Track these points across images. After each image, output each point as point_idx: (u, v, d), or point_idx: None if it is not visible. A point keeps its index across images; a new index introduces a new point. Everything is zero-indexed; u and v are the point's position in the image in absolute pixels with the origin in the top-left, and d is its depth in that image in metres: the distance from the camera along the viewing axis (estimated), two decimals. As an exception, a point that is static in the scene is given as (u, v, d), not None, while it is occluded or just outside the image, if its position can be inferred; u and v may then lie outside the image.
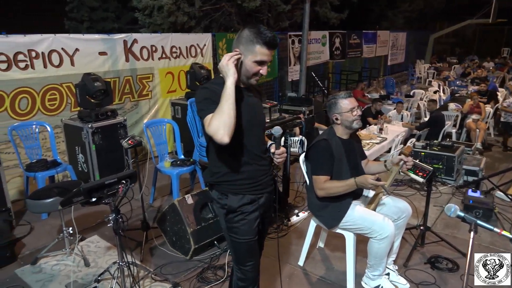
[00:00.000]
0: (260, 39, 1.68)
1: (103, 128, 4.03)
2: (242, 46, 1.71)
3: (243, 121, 1.75)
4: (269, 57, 1.75)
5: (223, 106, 1.59)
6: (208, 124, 1.62)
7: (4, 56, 4.06)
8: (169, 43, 5.81)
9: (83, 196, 2.20)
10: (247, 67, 1.73)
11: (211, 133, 1.60)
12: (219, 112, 1.59)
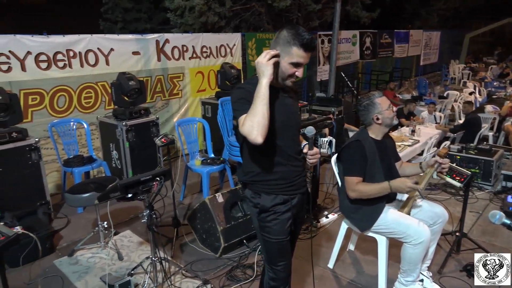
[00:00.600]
0: (297, 40, 1.66)
1: (136, 126, 4.13)
2: (279, 47, 1.70)
3: (278, 122, 1.74)
4: (306, 59, 1.72)
5: (257, 106, 1.58)
6: (242, 124, 1.61)
7: (45, 56, 4.24)
8: (200, 43, 5.89)
9: (119, 192, 2.26)
10: (283, 68, 1.72)
11: (245, 133, 1.60)
12: (253, 112, 1.59)
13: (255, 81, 1.67)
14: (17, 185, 3.33)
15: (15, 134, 3.29)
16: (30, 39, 4.11)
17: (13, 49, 4.00)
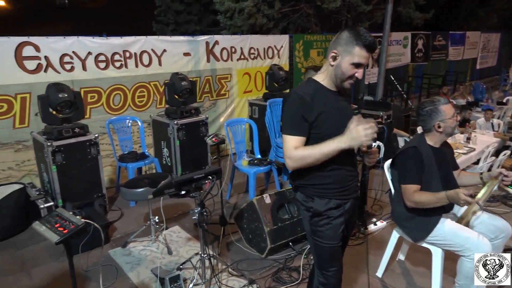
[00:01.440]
0: (360, 41, 1.66)
1: (187, 125, 4.26)
2: (340, 47, 1.70)
3: (333, 126, 1.72)
4: (367, 60, 1.72)
5: (315, 156, 1.66)
6: (289, 146, 1.70)
7: (104, 56, 4.48)
8: (248, 45, 5.96)
9: (174, 188, 2.34)
10: (343, 69, 1.71)
11: (286, 155, 1.71)
12: (309, 155, 1.67)
13: (312, 88, 1.73)
14: (77, 178, 3.55)
15: (77, 130, 3.51)
16: (91, 40, 4.36)
17: (76, 50, 4.26)
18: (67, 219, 1.70)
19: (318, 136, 1.72)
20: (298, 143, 1.72)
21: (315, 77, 1.83)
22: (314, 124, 1.71)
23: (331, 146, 1.64)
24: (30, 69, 3.98)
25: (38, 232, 1.71)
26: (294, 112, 1.71)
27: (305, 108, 1.68)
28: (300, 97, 1.70)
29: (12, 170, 4.01)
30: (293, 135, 1.72)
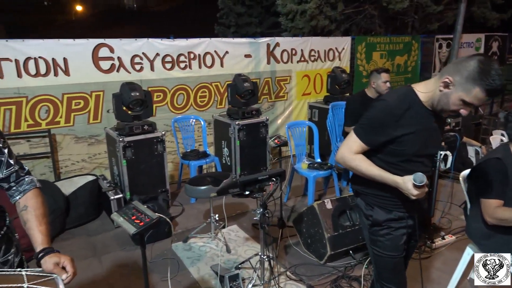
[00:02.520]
0: (485, 82, 1.43)
1: (248, 126, 4.31)
2: (459, 77, 1.48)
3: (416, 146, 1.62)
4: (481, 103, 1.55)
5: (370, 176, 1.61)
6: (350, 146, 1.65)
7: (170, 57, 4.67)
8: (309, 47, 5.90)
9: (238, 188, 2.36)
10: (450, 101, 1.53)
11: (341, 150, 1.69)
12: (364, 170, 1.62)
13: (408, 101, 1.59)
14: (144, 173, 3.74)
15: (146, 127, 3.70)
16: (159, 42, 4.57)
17: (146, 51, 4.49)
18: (143, 212, 1.78)
19: (395, 152, 1.64)
20: (360, 149, 1.65)
21: (416, 87, 1.64)
22: (397, 140, 1.60)
23: (388, 179, 1.57)
24: (105, 69, 4.26)
25: (116, 222, 1.81)
26: (376, 120, 1.61)
27: (391, 122, 1.57)
28: (390, 108, 1.58)
29: (85, 162, 4.33)
30: (360, 139, 1.64)
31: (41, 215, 1.43)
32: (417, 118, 1.59)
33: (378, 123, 1.60)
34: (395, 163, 1.66)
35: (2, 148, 1.41)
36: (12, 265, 1.49)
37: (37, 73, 3.91)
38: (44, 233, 1.39)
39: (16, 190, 1.45)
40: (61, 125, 4.12)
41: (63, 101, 4.08)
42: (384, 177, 1.58)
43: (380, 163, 1.67)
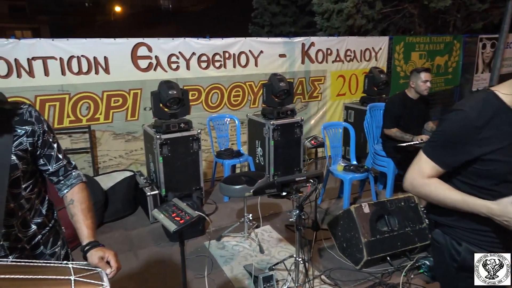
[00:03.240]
0: None
1: (282, 126, 4.27)
2: None
3: (508, 165, 1.26)
4: None
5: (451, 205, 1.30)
6: (421, 169, 1.35)
7: (205, 57, 4.71)
8: (344, 46, 5.78)
9: (276, 189, 2.33)
10: None
11: (411, 175, 1.39)
12: (441, 199, 1.32)
13: (491, 108, 1.25)
14: (180, 170, 3.79)
15: (183, 125, 3.75)
16: (195, 41, 4.62)
17: (182, 51, 4.54)
18: (183, 210, 1.79)
19: (481, 173, 1.30)
20: (434, 172, 1.34)
21: (498, 89, 1.30)
22: (481, 159, 1.27)
23: (477, 205, 1.24)
24: (143, 68, 4.35)
25: (157, 219, 1.83)
26: (451, 135, 1.30)
27: (471, 137, 1.26)
28: (469, 119, 1.26)
29: (122, 158, 4.44)
30: (433, 160, 1.34)
31: (86, 209, 1.46)
32: (506, 129, 1.25)
33: (454, 139, 1.30)
34: (484, 187, 1.31)
35: (52, 143, 1.45)
36: (58, 257, 1.53)
37: (80, 71, 4.05)
38: (89, 227, 1.42)
39: (64, 184, 1.49)
40: (101, 122, 4.25)
41: (103, 99, 4.20)
42: (470, 204, 1.26)
43: (463, 186, 1.34)
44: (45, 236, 1.48)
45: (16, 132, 1.33)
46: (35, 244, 1.45)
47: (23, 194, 1.37)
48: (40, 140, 1.40)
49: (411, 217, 3.05)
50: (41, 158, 1.42)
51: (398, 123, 3.73)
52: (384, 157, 3.89)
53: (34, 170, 1.43)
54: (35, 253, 1.45)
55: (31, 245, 1.43)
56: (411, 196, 3.14)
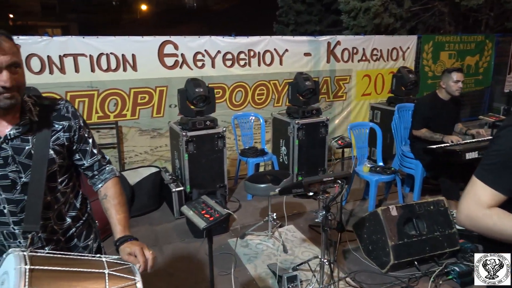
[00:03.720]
0: None
1: (307, 125, 4.24)
2: None
3: None
4: None
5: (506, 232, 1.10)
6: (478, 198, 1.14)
7: (231, 55, 4.72)
8: (371, 45, 5.68)
9: (303, 188, 2.31)
10: None
11: (465, 205, 1.18)
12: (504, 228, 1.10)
13: None
14: (204, 167, 3.81)
15: (208, 123, 3.77)
16: (221, 39, 4.63)
17: (208, 49, 4.57)
18: (212, 207, 1.80)
19: None
20: (494, 200, 1.14)
21: None
22: None
23: None
24: (169, 65, 4.40)
25: (186, 215, 1.85)
26: (506, 153, 1.12)
27: None
28: None
29: (147, 154, 4.51)
30: (492, 186, 1.14)
31: (119, 203, 1.48)
32: None
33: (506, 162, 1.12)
34: None
35: (87, 138, 1.48)
36: (91, 250, 1.56)
37: (108, 68, 4.13)
38: (122, 222, 1.44)
39: (98, 178, 1.51)
40: (127, 118, 4.33)
41: (130, 95, 4.28)
42: None
43: None
44: (78, 229, 1.51)
45: (54, 127, 1.36)
46: (70, 236, 1.48)
47: (59, 188, 1.40)
48: (76, 135, 1.42)
49: (441, 221, 2.96)
50: (76, 153, 1.45)
51: (427, 125, 3.63)
52: (412, 159, 3.80)
53: (70, 165, 1.46)
54: (70, 245, 1.48)
55: (66, 238, 1.47)
56: (441, 199, 3.05)
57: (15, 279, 1.02)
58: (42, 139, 1.32)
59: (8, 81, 1.17)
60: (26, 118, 1.31)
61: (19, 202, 1.30)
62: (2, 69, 1.17)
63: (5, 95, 1.19)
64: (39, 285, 1.05)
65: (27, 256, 1.11)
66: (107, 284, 1.17)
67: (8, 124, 1.28)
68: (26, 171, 1.29)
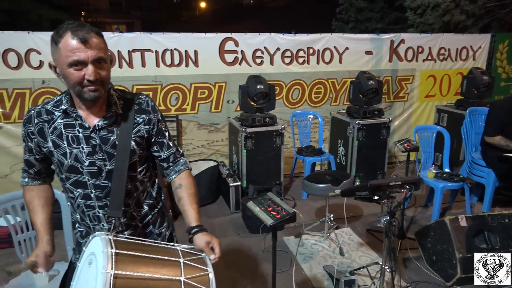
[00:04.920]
0: None
1: (368, 126, 4.10)
2: None
3: None
4: None
5: None
6: None
7: (289, 52, 4.68)
8: (438, 44, 5.36)
9: (368, 192, 2.23)
10: None
11: None
12: None
13: None
14: (262, 164, 3.84)
15: (268, 119, 3.78)
16: (280, 37, 4.61)
17: (267, 46, 4.57)
18: (279, 205, 1.80)
19: None
20: None
21: None
22: None
23: None
24: (228, 62, 4.46)
25: (253, 211, 1.86)
26: None
27: None
28: None
29: (204, 148, 4.62)
30: None
31: (193, 194, 1.53)
32: None
33: None
34: None
35: (164, 131, 1.54)
36: (164, 237, 1.63)
37: (172, 63, 4.28)
38: (196, 212, 1.48)
39: (172, 170, 1.57)
40: (187, 112, 4.46)
41: (191, 90, 4.40)
42: None
43: None
44: (154, 216, 1.58)
45: (135, 120, 1.44)
46: (146, 223, 1.55)
47: (138, 177, 1.48)
48: (155, 128, 1.49)
49: (516, 236, 2.72)
50: (154, 145, 1.52)
51: (502, 131, 3.35)
52: (484, 167, 3.53)
53: (147, 156, 1.54)
54: (146, 231, 1.56)
55: (143, 224, 1.54)
56: (517, 212, 2.81)
57: (103, 261, 1.09)
58: (125, 131, 1.40)
59: (93, 74, 1.24)
60: (112, 111, 1.39)
61: (104, 188, 1.40)
62: (88, 63, 1.24)
63: (89, 88, 1.27)
64: (123, 268, 1.11)
65: (112, 240, 1.18)
66: (182, 273, 1.21)
67: (96, 115, 1.38)
68: (110, 159, 1.38)
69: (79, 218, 1.47)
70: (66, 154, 1.36)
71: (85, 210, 1.43)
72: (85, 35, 1.22)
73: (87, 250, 1.26)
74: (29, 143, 1.40)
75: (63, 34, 1.21)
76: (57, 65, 1.27)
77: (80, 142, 1.36)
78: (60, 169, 1.40)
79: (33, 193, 1.50)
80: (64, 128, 1.36)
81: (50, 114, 1.37)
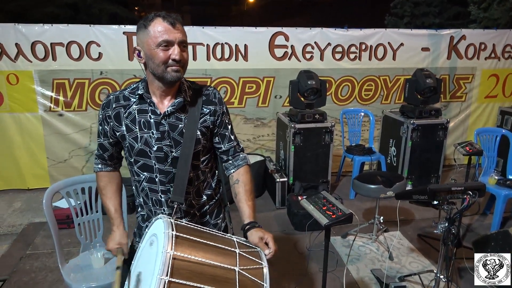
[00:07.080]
0: None
1: (424, 126, 3.90)
2: None
3: None
4: None
5: None
6: None
7: (341, 48, 4.55)
8: (504, 41, 4.98)
9: (427, 196, 2.12)
10: None
11: None
12: None
13: None
14: (309, 161, 3.78)
15: (317, 116, 3.71)
16: (332, 31, 4.49)
17: (318, 41, 4.47)
18: (334, 205, 1.75)
19: None
20: None
21: None
22: None
23: None
24: (278, 56, 4.42)
25: (307, 209, 1.83)
26: None
27: None
28: None
29: (249, 142, 4.63)
30: None
31: (249, 190, 1.53)
32: None
33: None
34: None
35: (227, 124, 1.55)
36: (219, 228, 1.65)
37: (222, 57, 4.31)
38: (252, 208, 1.49)
39: (231, 164, 1.58)
40: (235, 106, 4.48)
41: (239, 84, 4.42)
42: None
43: None
44: (211, 207, 1.60)
45: (202, 110, 1.47)
46: (203, 212, 1.58)
47: (200, 166, 1.51)
48: (219, 119, 1.51)
49: None
50: (217, 136, 1.54)
51: None
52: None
53: (210, 147, 1.55)
54: (203, 220, 1.59)
55: (201, 213, 1.57)
56: None
57: (164, 241, 1.11)
58: (192, 120, 1.44)
59: (178, 54, 1.32)
60: (182, 96, 1.42)
61: (168, 173, 1.44)
62: (174, 44, 1.32)
63: (173, 68, 1.34)
64: (182, 251, 1.13)
65: (173, 223, 1.20)
66: (237, 263, 1.21)
67: (167, 103, 1.43)
68: (177, 146, 1.43)
69: (142, 202, 1.54)
70: (137, 138, 1.42)
71: (148, 194, 1.49)
72: (174, 20, 1.32)
73: (149, 231, 1.31)
74: (105, 126, 1.47)
75: (153, 18, 1.32)
76: (142, 48, 1.35)
77: (151, 127, 1.41)
78: (130, 152, 1.46)
79: (106, 179, 1.59)
80: (137, 113, 1.42)
81: (126, 100, 1.44)
